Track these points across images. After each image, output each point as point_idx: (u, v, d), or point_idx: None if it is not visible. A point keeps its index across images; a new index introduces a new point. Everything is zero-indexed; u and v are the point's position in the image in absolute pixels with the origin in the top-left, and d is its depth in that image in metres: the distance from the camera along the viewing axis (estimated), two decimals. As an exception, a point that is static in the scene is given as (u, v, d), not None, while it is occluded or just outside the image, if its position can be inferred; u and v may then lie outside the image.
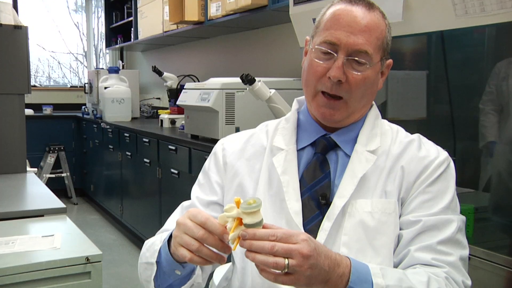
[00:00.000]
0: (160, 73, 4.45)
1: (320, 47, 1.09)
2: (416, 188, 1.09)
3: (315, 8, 2.07)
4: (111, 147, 4.78)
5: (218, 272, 1.49)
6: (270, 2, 2.97)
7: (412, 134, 1.18)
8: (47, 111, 5.92)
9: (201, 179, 1.25)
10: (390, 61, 1.16)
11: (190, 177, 3.15)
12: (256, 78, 2.55)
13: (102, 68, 6.14)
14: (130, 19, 5.38)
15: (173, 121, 4.25)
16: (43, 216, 1.83)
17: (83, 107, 5.77)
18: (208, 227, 0.91)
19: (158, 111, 4.77)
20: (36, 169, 2.71)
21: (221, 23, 3.60)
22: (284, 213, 1.10)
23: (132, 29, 5.28)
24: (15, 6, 5.94)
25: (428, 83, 2.17)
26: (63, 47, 7.35)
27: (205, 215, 0.92)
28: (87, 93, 5.57)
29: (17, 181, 2.34)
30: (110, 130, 4.76)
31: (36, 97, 6.10)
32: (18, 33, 2.43)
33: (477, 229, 1.75)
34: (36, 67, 7.10)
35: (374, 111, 1.19)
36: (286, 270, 0.86)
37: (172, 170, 3.43)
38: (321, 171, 1.12)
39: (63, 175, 5.57)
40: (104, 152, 5.02)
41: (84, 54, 7.44)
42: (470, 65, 2.01)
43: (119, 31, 5.90)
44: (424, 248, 1.03)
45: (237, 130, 1.39)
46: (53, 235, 1.58)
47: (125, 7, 5.64)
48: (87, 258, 1.41)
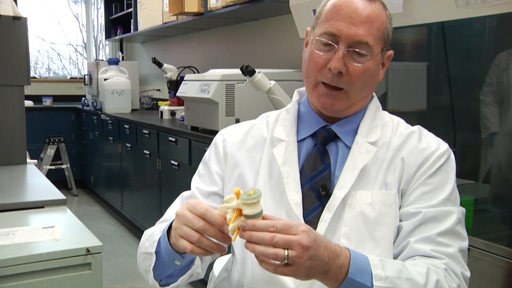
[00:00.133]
0: (160, 65, 4.44)
1: (321, 38, 1.08)
2: (416, 180, 1.09)
3: (316, -1, 2.06)
4: (111, 139, 4.78)
5: (218, 263, 1.49)
6: (270, -7, 2.96)
7: (413, 126, 1.18)
8: (47, 103, 5.92)
9: (201, 170, 1.24)
10: (391, 53, 1.15)
11: (190, 169, 3.15)
12: (256, 70, 2.54)
13: (102, 60, 6.13)
14: (130, 10, 5.36)
15: (173, 113, 4.24)
16: (43, 208, 1.83)
17: (83, 99, 5.76)
18: (208, 218, 0.91)
19: (158, 103, 4.77)
20: (36, 161, 2.71)
21: (221, 14, 3.59)
22: (284, 204, 1.10)
23: (132, 21, 5.26)
24: (14, -3, 5.90)
25: (429, 75, 2.16)
26: (63, 39, 7.33)
27: (205, 206, 0.92)
28: (87, 85, 5.56)
29: (17, 173, 2.34)
30: (110, 122, 4.75)
31: (36, 89, 6.09)
32: (17, 24, 2.42)
33: (477, 220, 1.75)
34: (36, 59, 7.09)
35: (375, 103, 1.19)
36: (286, 261, 0.86)
37: (172, 162, 3.43)
38: (322, 162, 1.12)
39: (63, 167, 5.57)
40: (104, 144, 5.02)
41: (84, 46, 7.42)
42: (471, 56, 2.00)
43: (119, 23, 5.88)
44: (424, 240, 1.03)
45: (237, 122, 1.39)
46: (54, 227, 1.58)
47: (125, -2, 5.62)
48: (88, 250, 1.41)
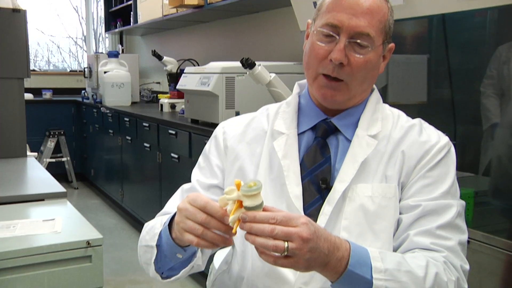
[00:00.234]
0: (160, 57, 4.42)
1: (322, 30, 1.08)
2: (417, 173, 1.08)
3: (316, -9, 2.05)
4: (111, 132, 4.78)
5: (218, 256, 1.50)
6: (270, -15, 2.95)
7: (413, 119, 1.17)
8: (47, 96, 5.91)
9: (202, 162, 1.24)
10: (392, 45, 1.15)
11: (190, 162, 3.15)
12: (256, 62, 2.54)
13: (102, 53, 6.11)
14: (130, 3, 5.33)
15: (173, 106, 4.24)
16: (44, 200, 1.84)
17: (83, 92, 5.76)
18: (208, 211, 0.91)
19: (158, 96, 4.76)
20: (36, 154, 2.71)
21: (221, 7, 3.57)
22: (285, 197, 1.10)
23: (132, 13, 5.24)
24: (13, -10, 5.88)
25: (429, 67, 2.16)
26: (62, 31, 7.31)
27: (204, 199, 0.92)
28: (87, 78, 5.55)
29: (17, 166, 2.34)
30: (110, 115, 4.75)
31: (36, 82, 6.08)
32: (17, 17, 2.41)
33: (477, 213, 1.75)
34: (35, 52, 7.07)
35: (376, 96, 1.18)
36: (286, 253, 0.86)
37: (172, 155, 3.43)
38: (322, 156, 1.12)
39: (63, 160, 5.57)
40: (104, 137, 5.01)
41: (84, 38, 7.40)
42: (471, 49, 2.00)
43: (119, 15, 5.85)
44: (423, 233, 1.03)
45: (237, 114, 1.38)
46: (54, 219, 1.58)
47: (124, -9, 5.59)
48: (88, 242, 1.42)
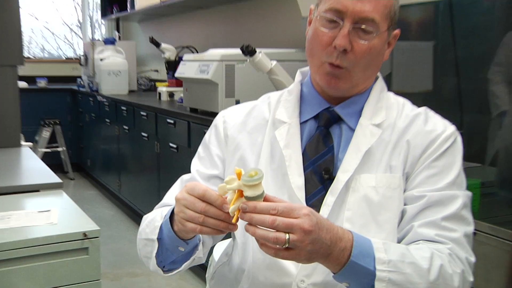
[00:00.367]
0: (158, 45, 4.41)
1: (325, 15, 1.07)
2: (422, 163, 1.08)
3: (319, -24, 2.03)
4: (108, 121, 4.77)
5: (218, 248, 1.50)
6: (272, -30, 2.93)
7: (419, 108, 1.17)
8: (42, 84, 5.89)
9: (201, 152, 1.24)
10: (398, 32, 1.14)
11: (189, 151, 3.15)
12: (257, 49, 2.53)
13: (98, 40, 6.09)
14: (126, -12, 5.30)
15: (172, 94, 4.23)
16: (39, 191, 1.84)
17: (79, 80, 5.74)
18: (207, 199, 0.91)
19: (156, 84, 4.75)
20: (31, 144, 2.71)
21: (221, -8, 3.55)
22: (287, 188, 1.10)
23: (128, -1, 5.21)
24: (6, -26, 5.85)
25: (435, 54, 2.15)
26: (57, 17, 7.28)
27: (203, 187, 0.92)
28: (83, 65, 5.53)
29: (12, 156, 2.34)
30: (107, 104, 4.74)
31: (30, 69, 6.06)
32: (9, 2, 2.40)
33: (483, 204, 1.76)
34: (29, 38, 7.04)
35: (380, 84, 1.18)
36: (287, 245, 0.86)
37: (171, 144, 3.43)
38: (324, 145, 1.12)
39: (59, 150, 5.57)
40: (101, 126, 5.01)
41: (79, 25, 7.37)
42: (479, 35, 1.99)
43: (115, 1, 5.82)
44: (428, 224, 1.03)
45: (237, 103, 1.38)
46: (50, 211, 1.58)
47: (121, -25, 5.55)
48: (85, 234, 1.42)
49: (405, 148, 1.09)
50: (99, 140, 5.16)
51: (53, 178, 1.93)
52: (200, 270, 3.08)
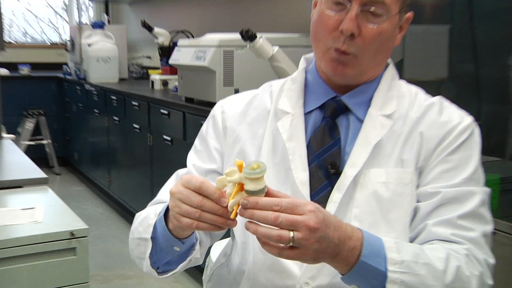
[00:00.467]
0: (150, 29, 4.40)
1: (332, -4, 1.07)
2: (436, 157, 1.08)
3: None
4: (97, 112, 4.78)
5: (216, 248, 1.51)
6: None
7: (433, 97, 1.17)
8: (24, 71, 5.89)
9: (198, 145, 1.24)
10: (410, 14, 1.14)
11: (185, 144, 3.16)
12: (258, 34, 2.53)
13: (85, 23, 6.07)
14: (116, -33, 5.30)
15: (165, 83, 4.24)
16: (22, 187, 1.84)
17: (65, 67, 5.74)
18: (204, 192, 0.91)
19: (149, 71, 4.75)
20: (14, 136, 2.71)
21: (218, -28, 3.55)
22: (290, 183, 1.10)
23: (118, -21, 5.20)
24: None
25: (451, 39, 2.14)
26: (41, -1, 7.26)
27: (200, 179, 0.92)
28: (69, 51, 5.53)
29: (-7, 149, 2.35)
30: (96, 93, 4.74)
31: (12, 55, 6.04)
32: (-11, -18, 2.39)
33: (503, 202, 1.76)
34: (10, 22, 7.03)
35: (391, 71, 1.18)
36: (291, 244, 0.86)
37: (165, 137, 3.44)
38: (331, 137, 1.12)
39: (44, 143, 5.58)
40: (89, 117, 5.02)
41: (65, 7, 7.35)
42: (499, 18, 1.98)
43: (104, -19, 5.81)
44: (443, 223, 1.03)
45: (236, 92, 1.39)
46: (34, 208, 1.59)
47: (110, -47, 5.54)
48: (72, 233, 1.42)
49: (418, 141, 1.09)
50: (87, 132, 5.17)
51: (38, 173, 1.93)
52: (197, 272, 3.09)
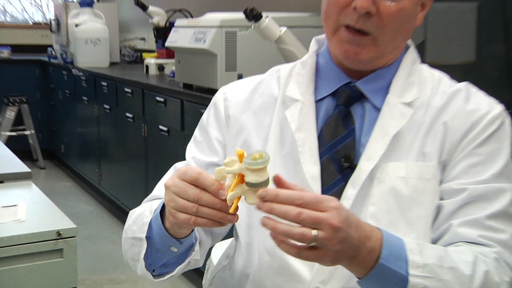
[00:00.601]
0: (144, 7, 4.40)
1: (345, -30, 1.07)
2: (462, 149, 1.08)
3: None
4: (86, 99, 4.79)
5: (217, 250, 1.51)
6: None
7: (459, 83, 1.16)
8: (4, 54, 5.90)
9: (198, 136, 1.25)
10: (434, -10, 1.14)
11: (183, 136, 3.16)
12: (263, 13, 2.52)
13: (72, 1, 6.08)
14: None
15: (161, 67, 4.24)
16: (3, 183, 1.85)
17: (49, 49, 5.75)
18: (201, 184, 0.91)
19: (143, 55, 4.75)
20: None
21: None
22: (299, 178, 1.10)
23: (109, -48, 5.20)
24: None
25: (479, 17, 2.13)
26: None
27: (197, 170, 0.92)
28: (54, 32, 5.53)
29: (-29, 140, 2.36)
30: (84, 78, 4.75)
31: (-10, 37, 6.07)
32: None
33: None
34: (-12, -1, 7.03)
35: (411, 54, 1.17)
36: (314, 244, 0.85)
37: (161, 127, 3.44)
38: (344, 128, 1.12)
39: (27, 133, 5.59)
40: (77, 105, 5.02)
41: (50, -17, 7.35)
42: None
43: (93, -46, 5.81)
44: (470, 223, 1.03)
45: (240, 78, 1.39)
46: (16, 205, 1.59)
47: None
48: (59, 233, 1.43)
49: (442, 132, 1.09)
50: (75, 122, 5.18)
51: (20, 167, 1.94)
52: (196, 276, 3.10)
